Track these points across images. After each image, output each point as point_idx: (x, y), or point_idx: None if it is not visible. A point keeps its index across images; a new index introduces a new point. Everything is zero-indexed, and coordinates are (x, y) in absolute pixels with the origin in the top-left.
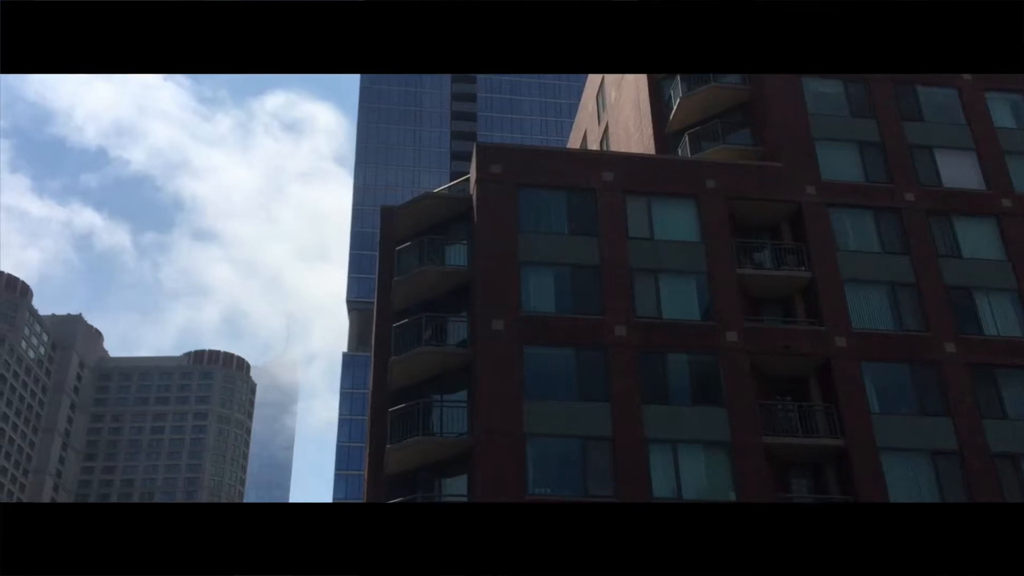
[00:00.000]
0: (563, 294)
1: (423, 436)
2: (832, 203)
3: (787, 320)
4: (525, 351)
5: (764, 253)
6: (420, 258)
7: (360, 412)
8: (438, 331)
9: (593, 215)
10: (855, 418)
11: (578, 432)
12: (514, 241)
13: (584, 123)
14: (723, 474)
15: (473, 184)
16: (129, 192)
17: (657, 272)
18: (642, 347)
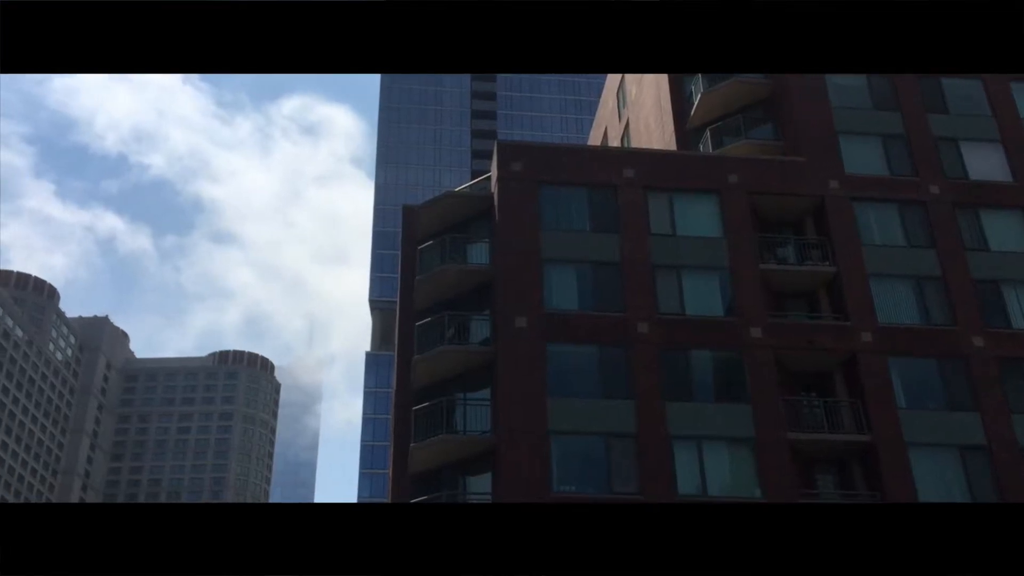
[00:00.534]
0: (585, 291)
1: (447, 434)
2: (856, 197)
3: (812, 315)
4: (548, 349)
5: (788, 248)
6: (442, 257)
7: (384, 411)
8: (461, 330)
9: (615, 212)
10: (882, 413)
11: (602, 429)
12: (536, 239)
13: (604, 120)
14: (748, 471)
15: (494, 182)
16: (150, 196)
17: (680, 268)
18: (665, 344)
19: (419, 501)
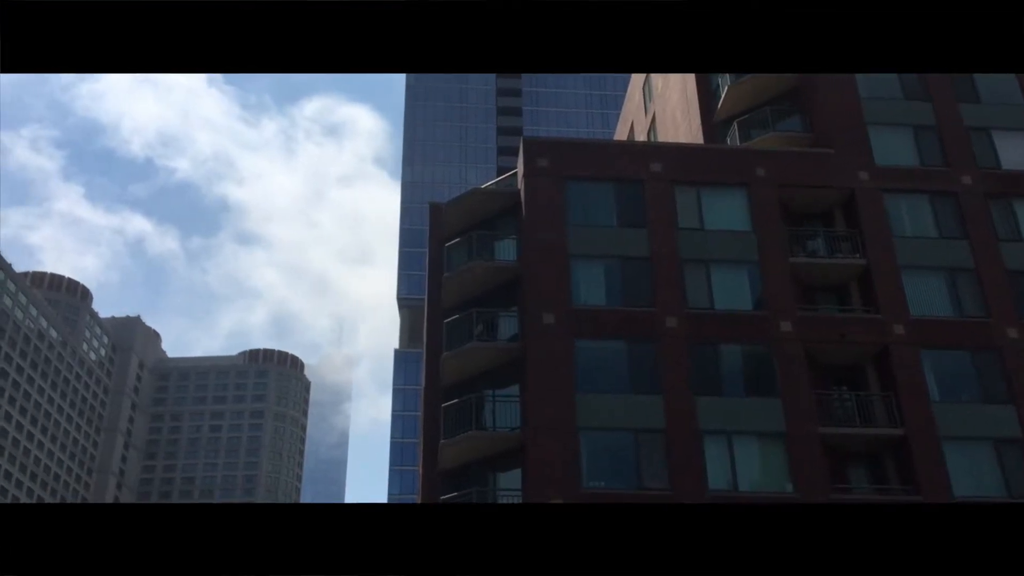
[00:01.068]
0: (613, 286)
1: (476, 431)
2: (887, 188)
3: (842, 308)
4: (576, 344)
5: (817, 241)
6: (469, 254)
7: (413, 408)
8: (489, 326)
9: (642, 206)
10: (915, 407)
11: (631, 425)
12: (563, 234)
13: (631, 114)
14: (779, 465)
15: (520, 178)
16: (176, 199)
17: (708, 262)
18: (694, 338)
19: (449, 498)
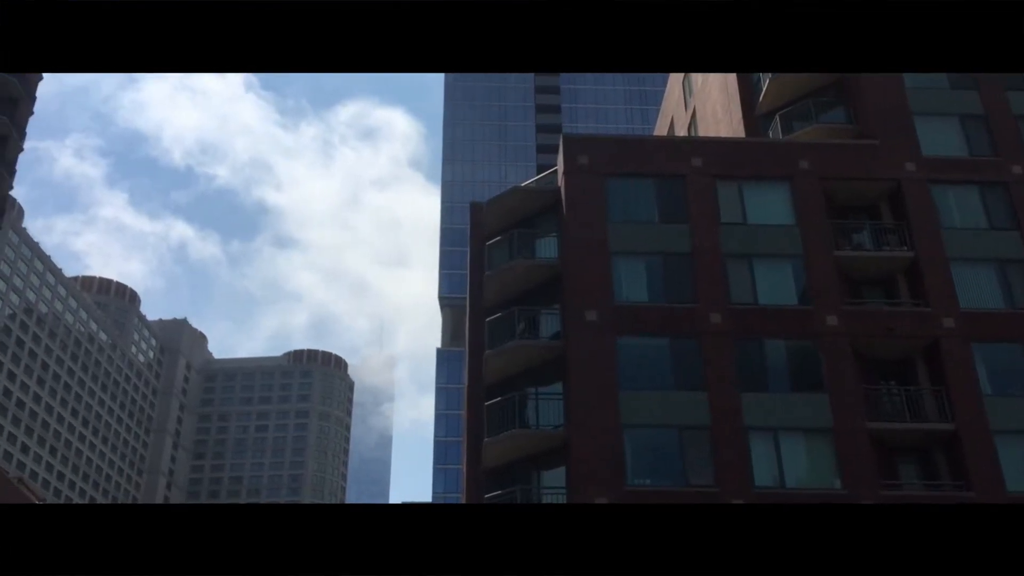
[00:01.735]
0: (655, 283)
1: (519, 429)
2: (934, 179)
3: (890, 302)
4: (619, 341)
5: (863, 234)
6: (510, 252)
7: (455, 407)
8: (531, 324)
9: (683, 202)
10: (966, 401)
11: (675, 422)
12: (604, 231)
13: (670, 110)
14: (827, 462)
15: (561, 176)
16: (216, 204)
17: (751, 257)
18: (738, 334)
19: (493, 496)
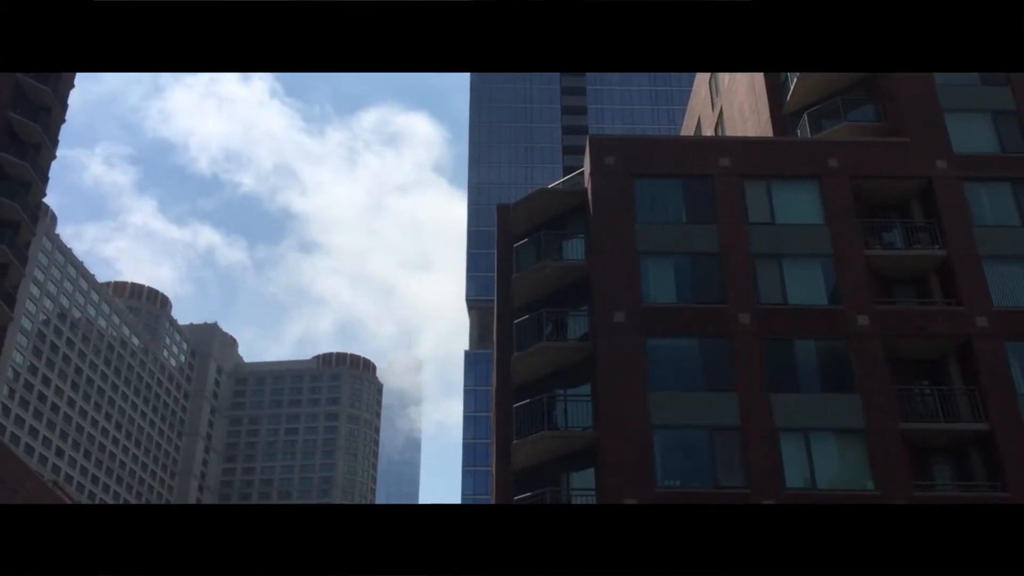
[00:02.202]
0: (684, 283)
1: (548, 431)
2: (966, 176)
3: (922, 301)
4: (647, 342)
5: (894, 232)
6: (538, 254)
7: (484, 409)
8: (559, 326)
9: (711, 202)
10: (1000, 400)
11: (705, 423)
12: (631, 232)
13: (697, 109)
14: (859, 463)
15: (587, 177)
16: (242, 211)
17: (780, 257)
18: (767, 334)
19: (522, 498)
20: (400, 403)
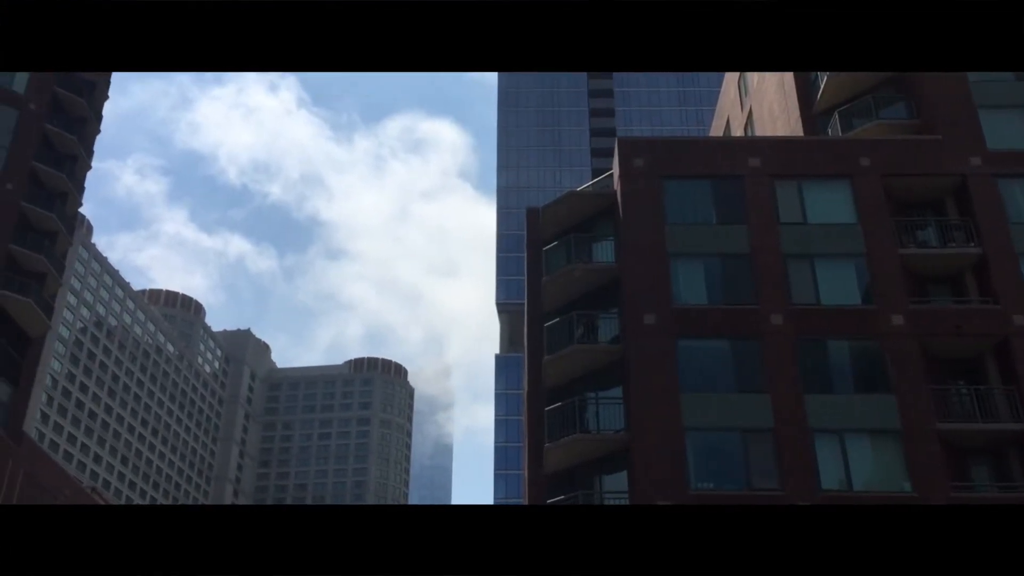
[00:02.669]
0: (714, 285)
1: (580, 433)
2: (1001, 173)
3: (958, 300)
4: (679, 344)
5: (928, 231)
6: (567, 257)
7: (515, 412)
8: (590, 328)
9: (741, 202)
10: None
11: (738, 425)
12: (661, 234)
13: (726, 110)
14: (895, 464)
15: (616, 179)
16: (270, 220)
17: (812, 257)
18: (800, 335)
19: (555, 501)
20: (429, 409)
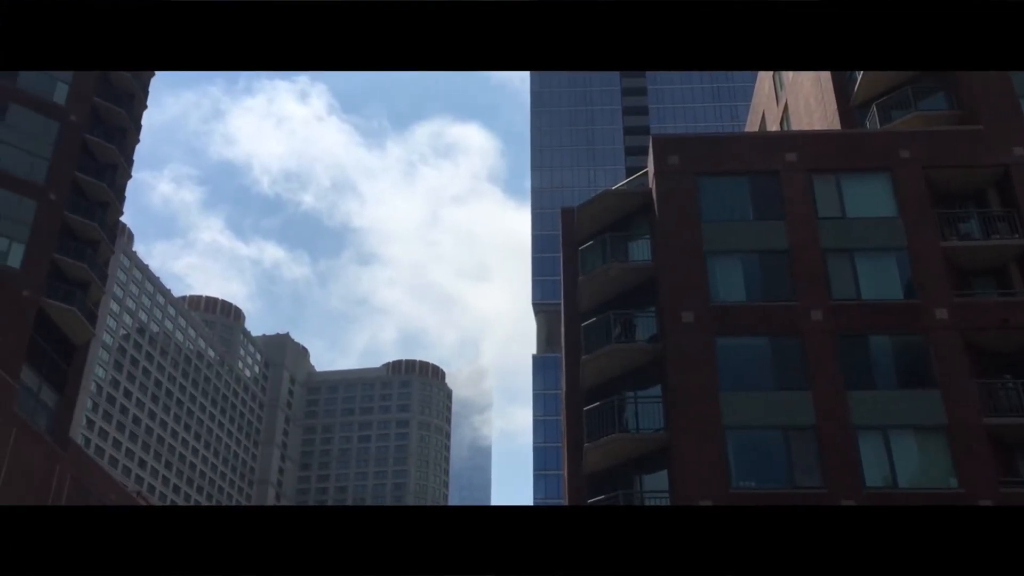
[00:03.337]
0: (753, 281)
1: (619, 433)
2: None
3: (1003, 292)
4: (717, 342)
5: (971, 222)
6: (603, 256)
7: (553, 412)
8: (627, 328)
9: (778, 198)
10: None
11: (779, 422)
12: (698, 231)
13: (761, 105)
14: (941, 460)
15: (652, 177)
16: (304, 227)
17: (852, 251)
18: (841, 331)
19: (595, 501)
20: (466, 411)
